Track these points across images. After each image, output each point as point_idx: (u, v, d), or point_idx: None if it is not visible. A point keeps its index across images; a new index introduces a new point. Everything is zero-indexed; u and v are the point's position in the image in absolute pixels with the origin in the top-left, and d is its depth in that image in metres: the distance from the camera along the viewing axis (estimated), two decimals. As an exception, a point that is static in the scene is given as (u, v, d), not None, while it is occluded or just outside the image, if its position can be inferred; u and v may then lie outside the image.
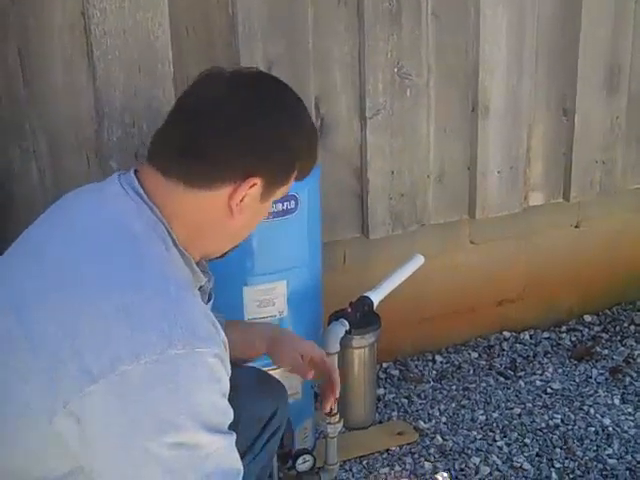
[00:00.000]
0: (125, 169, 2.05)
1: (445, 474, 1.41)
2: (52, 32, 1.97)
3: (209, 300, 1.52)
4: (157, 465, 1.13)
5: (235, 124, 1.28)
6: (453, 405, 2.44)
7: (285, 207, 1.89)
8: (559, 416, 2.38)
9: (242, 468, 1.21)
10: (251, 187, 1.28)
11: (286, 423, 1.88)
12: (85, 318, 1.14)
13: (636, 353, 2.70)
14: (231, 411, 1.20)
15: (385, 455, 2.22)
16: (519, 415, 2.39)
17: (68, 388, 1.12)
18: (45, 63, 1.98)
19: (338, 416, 1.99)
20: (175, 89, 2.11)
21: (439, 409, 2.42)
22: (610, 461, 2.20)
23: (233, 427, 1.20)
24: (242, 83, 1.35)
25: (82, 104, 2.04)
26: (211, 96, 1.31)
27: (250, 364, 1.69)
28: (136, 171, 1.34)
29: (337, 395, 1.74)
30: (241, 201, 1.29)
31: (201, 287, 1.38)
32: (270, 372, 1.76)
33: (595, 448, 2.25)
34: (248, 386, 1.24)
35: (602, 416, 2.38)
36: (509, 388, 2.52)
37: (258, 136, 1.29)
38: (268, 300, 1.94)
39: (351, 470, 2.16)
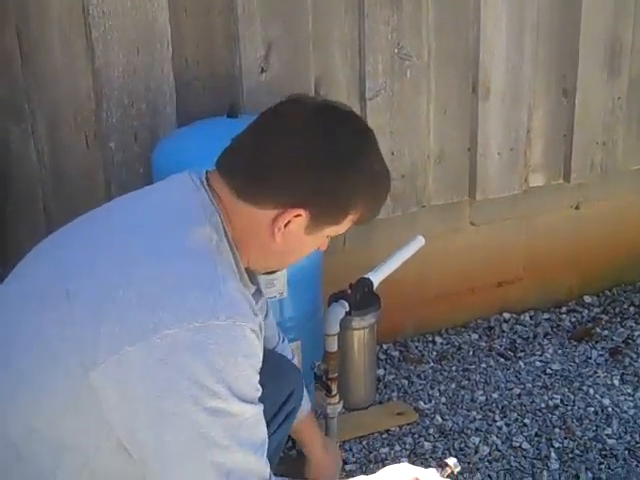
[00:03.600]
0: (124, 150, 2.08)
1: (455, 459, 1.41)
2: (50, 13, 1.97)
3: (266, 316, 1.64)
4: (192, 429, 1.17)
5: (300, 155, 1.31)
6: (453, 386, 2.45)
7: (285, 188, 1.88)
8: (558, 396, 2.39)
9: (267, 438, 1.26)
10: (296, 216, 1.31)
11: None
12: (132, 281, 1.20)
13: (636, 334, 2.70)
14: (260, 387, 1.25)
15: (385, 435, 2.23)
16: (519, 395, 2.40)
17: (109, 346, 1.16)
18: (44, 44, 1.98)
19: (338, 397, 2.00)
20: (174, 70, 2.11)
21: (439, 390, 2.42)
22: (609, 441, 2.21)
23: None
24: (324, 118, 1.35)
25: (81, 85, 2.04)
26: (288, 121, 1.34)
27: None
28: (207, 171, 1.39)
29: None
30: (285, 226, 1.32)
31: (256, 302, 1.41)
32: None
33: (594, 428, 2.26)
34: (267, 369, 1.27)
35: (601, 396, 2.39)
36: (509, 369, 2.53)
37: (317, 174, 1.31)
38: (268, 281, 1.94)
39: (351, 450, 2.17)
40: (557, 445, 2.19)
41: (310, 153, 1.31)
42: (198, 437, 1.17)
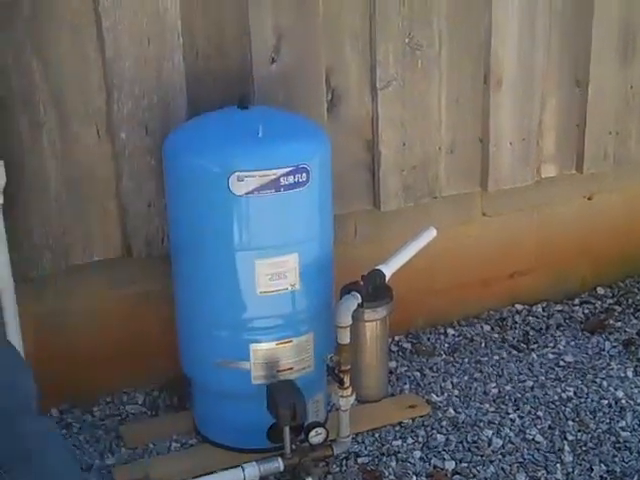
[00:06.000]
0: (135, 141, 2.07)
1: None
2: (61, 3, 1.95)
3: None
4: None
5: None
6: (465, 378, 2.43)
7: (296, 179, 1.87)
8: (572, 389, 2.37)
9: None
10: None
11: (298, 396, 1.89)
12: None
13: (649, 326, 2.69)
14: None
15: (397, 428, 2.21)
16: (532, 388, 2.38)
17: None
18: (54, 34, 1.97)
19: (350, 389, 1.99)
20: (184, 61, 2.09)
21: (451, 382, 2.41)
22: (623, 434, 2.19)
23: None
24: None
25: (91, 75, 2.03)
26: None
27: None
28: None
29: None
30: None
31: None
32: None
33: (608, 421, 2.24)
34: None
35: (615, 389, 2.37)
36: (521, 361, 2.51)
37: None
38: (280, 273, 1.93)
39: (363, 442, 2.15)
40: (571, 438, 2.18)
41: None
42: None
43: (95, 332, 2.22)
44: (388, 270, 2.01)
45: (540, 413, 2.27)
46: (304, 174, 1.88)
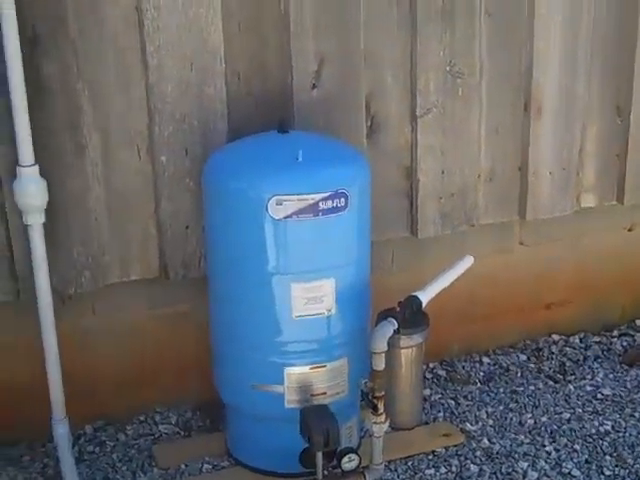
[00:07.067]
0: (175, 164, 2.09)
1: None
2: (106, 27, 1.99)
3: None
4: None
5: None
6: (500, 408, 2.40)
7: (335, 205, 1.88)
8: (609, 422, 2.33)
9: None
10: None
11: (332, 421, 1.88)
12: None
13: (689, 360, 2.64)
14: None
15: (431, 456, 2.19)
16: (568, 420, 2.35)
17: None
18: (99, 57, 2.00)
19: (384, 416, 1.98)
20: (226, 85, 2.12)
21: (486, 411, 2.38)
22: (662, 470, 2.15)
23: None
24: None
25: (134, 99, 2.06)
26: None
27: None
28: None
29: None
30: None
31: None
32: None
33: (646, 456, 2.21)
34: None
35: (654, 424, 2.33)
36: (558, 392, 2.48)
37: None
38: (316, 298, 1.93)
39: (396, 470, 2.14)
40: (608, 473, 2.14)
41: None
42: None
43: (130, 351, 2.24)
44: (425, 297, 2.00)
45: (577, 446, 2.24)
46: (343, 199, 1.88)
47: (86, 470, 2.12)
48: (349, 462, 1.94)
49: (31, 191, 1.93)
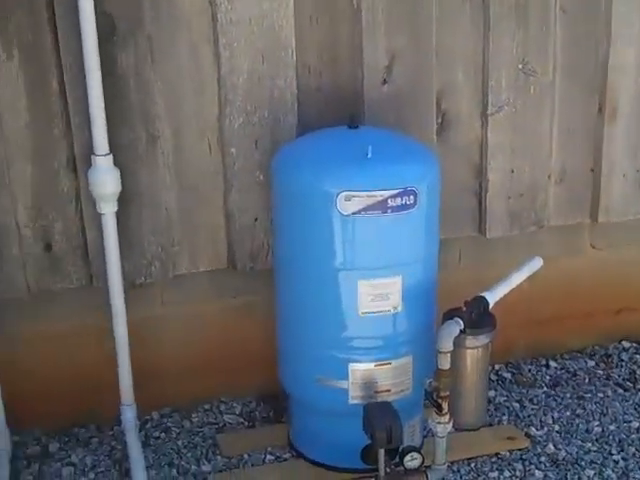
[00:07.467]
0: (244, 156, 2.11)
1: None
2: (180, 20, 2.02)
3: None
4: None
5: None
6: (567, 413, 2.36)
7: (404, 202, 1.86)
8: (680, 433, 2.27)
9: None
10: None
11: (395, 419, 1.87)
12: None
13: None
14: None
15: (494, 459, 2.16)
16: (637, 429, 2.29)
17: None
18: (173, 49, 2.03)
19: (448, 416, 1.95)
20: (296, 78, 2.12)
21: (552, 416, 2.34)
22: None
23: None
24: None
25: (206, 90, 2.08)
26: None
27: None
28: None
29: None
30: None
31: None
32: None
33: None
34: None
35: None
36: (627, 400, 2.42)
37: None
38: (383, 295, 1.92)
39: (459, 472, 2.11)
40: (678, 484, 2.08)
41: None
42: None
43: (197, 340, 2.26)
44: (492, 297, 1.97)
45: (646, 456, 2.18)
46: (412, 197, 1.87)
47: (152, 455, 2.16)
48: (412, 460, 1.93)
49: (105, 180, 1.97)
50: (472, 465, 2.14)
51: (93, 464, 2.13)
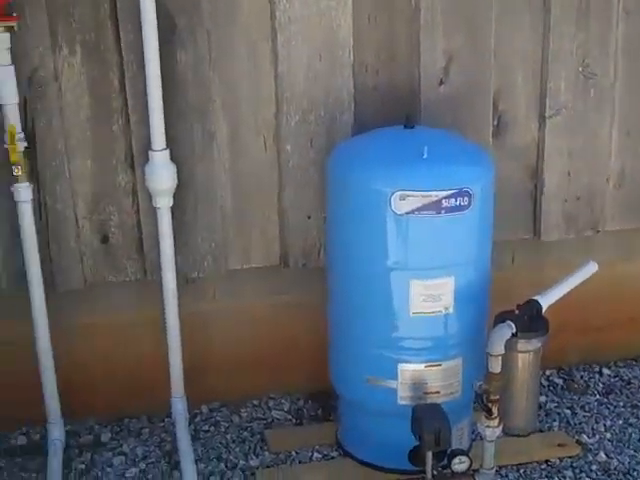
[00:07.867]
0: (300, 153, 2.11)
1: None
2: (239, 17, 2.04)
3: None
4: None
5: None
6: (620, 422, 2.32)
7: (458, 203, 1.85)
8: None
9: None
10: None
11: (444, 421, 1.86)
12: None
13: None
14: None
15: (544, 466, 2.13)
16: (691, 440, 2.25)
17: None
18: (231, 47, 2.05)
19: (498, 420, 1.94)
20: (353, 77, 2.12)
21: (604, 425, 2.30)
22: None
23: None
24: None
25: (263, 88, 2.09)
26: None
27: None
28: None
29: None
30: None
31: None
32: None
33: None
34: None
35: None
36: (682, 410, 2.38)
37: None
38: (435, 295, 1.91)
39: (507, 477, 2.09)
40: None
41: None
42: None
43: (247, 336, 2.28)
44: (545, 302, 1.95)
45: (701, 469, 2.14)
46: (466, 198, 1.86)
47: (201, 448, 2.18)
48: (460, 464, 1.91)
49: (161, 175, 2.00)
50: (521, 471, 2.11)
51: (144, 455, 2.17)
